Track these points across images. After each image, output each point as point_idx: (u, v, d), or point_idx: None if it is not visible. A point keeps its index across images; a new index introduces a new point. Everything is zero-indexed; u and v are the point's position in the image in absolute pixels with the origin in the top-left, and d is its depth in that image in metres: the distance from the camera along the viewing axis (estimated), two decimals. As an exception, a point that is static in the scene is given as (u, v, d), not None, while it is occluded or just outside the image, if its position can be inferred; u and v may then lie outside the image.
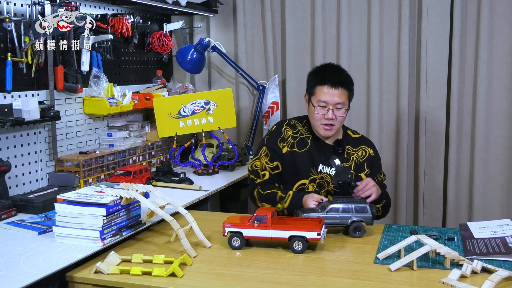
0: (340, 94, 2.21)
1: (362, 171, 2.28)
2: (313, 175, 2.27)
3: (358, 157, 2.30)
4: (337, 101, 2.20)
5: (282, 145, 2.32)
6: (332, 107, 2.20)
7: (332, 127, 2.23)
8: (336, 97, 2.20)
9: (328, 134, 2.25)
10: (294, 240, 1.79)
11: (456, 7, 2.96)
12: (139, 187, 1.92)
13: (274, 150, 2.31)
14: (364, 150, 2.32)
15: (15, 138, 2.33)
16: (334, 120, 2.21)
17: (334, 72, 2.28)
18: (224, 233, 1.84)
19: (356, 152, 2.31)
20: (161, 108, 2.98)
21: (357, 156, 2.30)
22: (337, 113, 2.21)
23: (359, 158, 2.30)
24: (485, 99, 2.95)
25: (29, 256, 1.68)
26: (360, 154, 2.31)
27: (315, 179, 2.27)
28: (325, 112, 2.21)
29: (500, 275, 1.52)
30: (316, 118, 2.23)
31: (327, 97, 2.20)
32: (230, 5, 3.43)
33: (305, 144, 2.31)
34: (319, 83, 2.24)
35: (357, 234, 1.95)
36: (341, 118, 2.23)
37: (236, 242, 1.83)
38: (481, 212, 3.01)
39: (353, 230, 1.96)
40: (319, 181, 2.27)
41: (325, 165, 2.27)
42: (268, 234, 1.81)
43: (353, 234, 1.96)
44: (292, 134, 2.34)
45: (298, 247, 1.79)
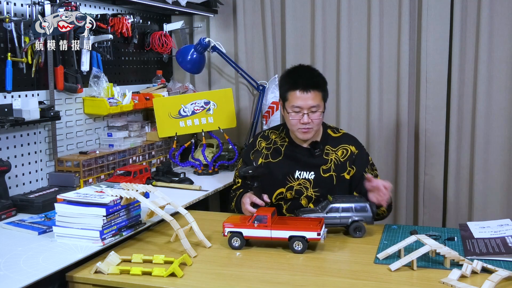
0: (313, 97, 2.16)
1: (344, 171, 2.22)
2: (290, 183, 2.23)
3: (338, 158, 2.24)
4: (311, 105, 2.15)
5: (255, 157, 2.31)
6: (306, 111, 2.15)
7: (310, 130, 2.19)
8: (310, 100, 2.15)
9: (306, 137, 2.21)
10: (294, 240, 1.79)
11: (456, 7, 2.96)
12: (139, 187, 1.92)
13: (245, 162, 2.33)
14: (344, 149, 2.26)
15: (15, 138, 2.33)
16: (310, 123, 2.17)
17: (305, 75, 2.23)
18: (224, 233, 1.84)
19: (335, 152, 2.25)
20: (161, 108, 2.98)
21: (336, 156, 2.24)
22: (312, 116, 2.16)
23: (339, 159, 2.24)
24: (485, 99, 2.95)
25: (29, 256, 1.68)
26: (340, 153, 2.25)
27: (293, 187, 2.23)
28: (300, 117, 2.16)
29: (500, 275, 1.52)
30: (292, 123, 2.19)
31: (300, 101, 2.15)
32: (230, 5, 3.43)
33: (279, 153, 2.29)
34: (290, 88, 2.18)
35: (358, 234, 1.95)
36: (317, 120, 2.18)
37: (236, 242, 1.83)
38: (481, 212, 3.01)
39: (353, 230, 1.96)
40: (297, 188, 2.22)
41: (302, 171, 2.23)
42: (268, 234, 1.81)
43: (353, 234, 1.96)
44: (265, 145, 2.33)
45: (298, 247, 1.79)
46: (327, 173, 2.22)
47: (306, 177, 2.23)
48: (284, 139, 2.31)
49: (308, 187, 2.22)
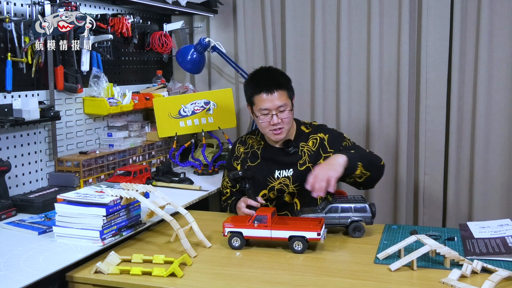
0: (279, 97, 2.17)
1: (319, 158, 2.22)
2: (271, 183, 2.26)
3: (310, 149, 2.25)
4: (278, 105, 2.16)
5: (236, 163, 2.35)
6: (275, 112, 2.16)
7: (281, 130, 2.20)
8: (276, 100, 2.16)
9: (279, 138, 2.22)
10: (294, 240, 1.79)
11: (456, 7, 2.95)
12: (139, 187, 1.92)
13: (229, 170, 2.36)
14: (314, 139, 2.27)
15: (15, 138, 2.33)
16: (281, 123, 2.18)
17: (265, 77, 2.24)
18: (224, 233, 1.84)
19: (307, 144, 2.26)
20: (161, 108, 2.98)
21: (308, 148, 2.25)
22: (281, 116, 2.17)
23: (311, 149, 2.25)
24: (485, 99, 2.95)
25: (29, 256, 1.68)
26: (311, 144, 2.26)
27: (274, 187, 2.25)
28: (270, 119, 2.17)
29: (500, 275, 1.52)
30: (263, 126, 2.21)
31: (267, 103, 2.16)
32: (230, 5, 3.43)
33: (256, 156, 2.32)
34: (255, 92, 2.20)
35: (357, 234, 1.96)
36: (287, 119, 2.19)
37: (236, 242, 1.83)
38: (481, 212, 3.01)
39: (352, 230, 1.96)
40: (278, 187, 2.24)
41: (281, 170, 2.25)
42: (268, 234, 1.81)
43: (353, 234, 1.96)
44: (243, 150, 2.37)
45: (298, 247, 1.79)
46: (303, 166, 2.23)
47: (286, 175, 2.25)
48: (260, 143, 2.34)
49: (288, 184, 2.24)
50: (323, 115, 3.30)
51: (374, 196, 3.23)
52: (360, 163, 2.04)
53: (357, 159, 2.04)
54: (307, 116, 3.34)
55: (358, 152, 2.14)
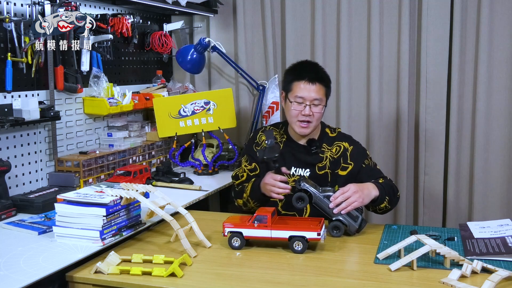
0: (318, 90, 2.18)
1: (338, 167, 2.22)
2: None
3: (332, 155, 2.24)
4: (314, 97, 2.17)
5: (256, 149, 2.32)
6: (309, 103, 2.17)
7: (308, 125, 2.19)
8: (313, 92, 2.17)
9: (304, 132, 2.21)
10: (294, 240, 1.79)
11: (456, 7, 2.96)
12: (139, 187, 1.92)
13: (251, 155, 2.33)
14: (338, 146, 2.26)
15: (15, 138, 2.33)
16: (311, 116, 2.18)
17: (312, 68, 2.26)
18: (224, 233, 1.84)
19: (330, 150, 2.26)
20: (161, 108, 2.98)
21: (331, 153, 2.24)
22: (314, 110, 2.18)
23: (333, 155, 2.24)
24: (485, 99, 2.95)
25: (29, 256, 1.68)
26: (334, 150, 2.25)
27: (288, 183, 2.19)
28: (302, 108, 2.18)
29: (500, 275, 1.52)
30: (293, 114, 2.20)
31: (304, 92, 2.17)
32: (230, 5, 3.43)
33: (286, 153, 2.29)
34: (296, 78, 2.21)
35: (334, 233, 1.95)
36: (318, 115, 2.20)
37: (236, 242, 1.83)
38: (481, 212, 3.01)
39: (332, 227, 1.95)
40: (291, 184, 2.20)
41: (298, 167, 2.24)
42: (268, 234, 1.81)
43: (331, 231, 1.95)
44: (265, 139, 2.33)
45: (298, 247, 1.79)
46: (322, 171, 2.22)
47: (302, 174, 2.23)
48: (283, 136, 2.32)
49: None
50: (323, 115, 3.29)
51: (374, 196, 3.22)
52: (387, 198, 2.08)
53: (386, 194, 2.07)
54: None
55: (387, 184, 2.13)
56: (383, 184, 2.11)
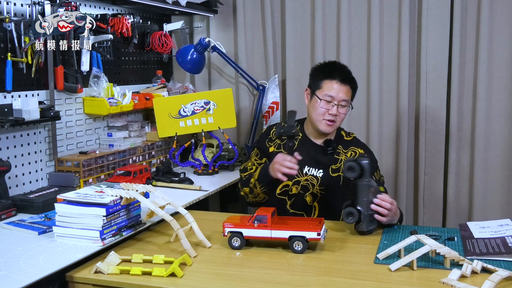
0: (347, 91, 2.22)
1: None
2: (297, 177, 2.23)
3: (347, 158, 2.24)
4: (343, 98, 2.21)
5: (269, 144, 2.32)
6: (337, 103, 2.20)
7: (333, 124, 2.23)
8: (343, 93, 2.21)
9: (329, 130, 2.24)
10: (294, 240, 1.79)
11: (456, 7, 2.96)
12: (139, 187, 1.92)
13: (262, 150, 2.33)
14: (353, 151, 2.29)
15: (15, 138, 2.33)
16: (336, 116, 2.21)
17: (343, 69, 2.29)
18: (224, 233, 1.84)
19: (345, 154, 2.28)
20: (161, 108, 2.98)
21: (346, 157, 2.26)
22: (341, 110, 2.22)
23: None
24: (485, 99, 2.95)
25: (29, 256, 1.68)
26: (349, 155, 2.28)
27: (300, 181, 2.23)
28: (330, 108, 2.20)
29: (500, 275, 1.52)
30: (320, 112, 2.22)
31: (335, 92, 2.20)
32: (230, 5, 3.43)
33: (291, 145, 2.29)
34: (327, 77, 2.23)
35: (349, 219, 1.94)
36: (343, 115, 2.24)
37: (236, 242, 1.83)
38: (481, 212, 3.01)
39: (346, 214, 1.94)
40: (303, 183, 2.23)
41: (311, 167, 2.24)
42: (268, 234, 1.81)
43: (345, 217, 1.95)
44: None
45: (298, 247, 1.79)
46: (336, 173, 2.23)
47: (314, 174, 2.24)
48: (298, 134, 2.32)
49: (314, 184, 2.23)
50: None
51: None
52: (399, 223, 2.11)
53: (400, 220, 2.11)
54: (307, 116, 3.33)
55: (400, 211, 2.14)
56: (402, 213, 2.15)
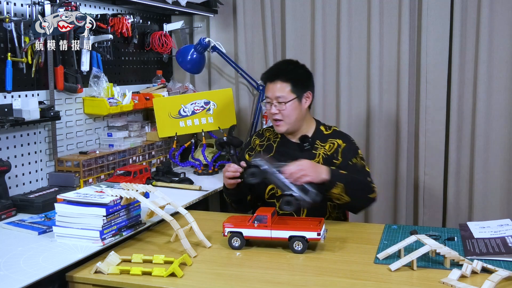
0: (279, 88, 2.18)
1: (331, 164, 2.17)
2: None
3: (325, 151, 2.21)
4: (276, 95, 2.17)
5: (249, 154, 2.34)
6: (274, 102, 2.18)
7: (280, 123, 2.20)
8: (275, 91, 2.18)
9: (279, 130, 2.22)
10: (294, 240, 1.79)
11: (456, 7, 2.96)
12: (139, 187, 1.92)
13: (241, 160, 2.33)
14: (331, 143, 2.24)
15: (15, 138, 2.33)
16: (278, 115, 2.18)
17: (273, 67, 2.29)
18: (224, 233, 1.84)
19: (323, 147, 2.23)
20: (161, 108, 2.98)
21: (324, 150, 2.22)
22: (280, 108, 2.18)
23: (326, 152, 2.21)
24: (485, 99, 2.95)
25: (29, 256, 1.68)
26: (328, 147, 2.23)
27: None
28: (270, 108, 2.20)
29: (500, 275, 1.52)
30: (267, 115, 2.26)
31: (268, 92, 2.20)
32: (230, 5, 3.43)
33: (271, 149, 2.30)
34: (264, 80, 2.26)
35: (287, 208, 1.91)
36: (286, 112, 2.18)
37: (236, 242, 1.83)
38: (481, 212, 3.01)
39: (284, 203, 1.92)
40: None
41: None
42: (268, 234, 1.81)
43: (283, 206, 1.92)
44: (259, 143, 2.36)
45: (298, 247, 1.79)
46: None
47: None
48: (277, 136, 2.32)
49: None
50: (323, 115, 3.30)
51: (374, 196, 3.22)
52: (341, 184, 2.01)
53: (340, 180, 2.02)
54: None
55: (350, 176, 2.08)
56: (346, 175, 2.06)
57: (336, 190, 2.02)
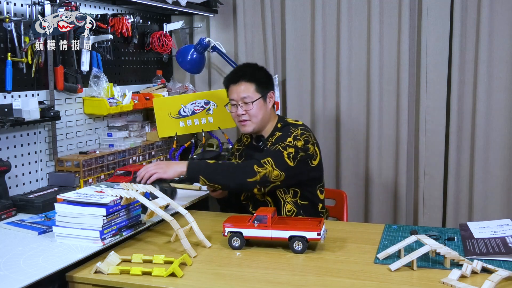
0: (244, 88, 2.22)
1: None
2: None
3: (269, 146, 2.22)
4: (241, 96, 2.21)
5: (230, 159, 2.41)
6: (240, 103, 2.21)
7: (247, 123, 2.23)
8: (240, 91, 2.21)
9: (246, 130, 2.26)
10: (294, 240, 1.79)
11: (456, 7, 2.96)
12: (139, 187, 1.92)
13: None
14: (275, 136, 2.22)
15: (15, 138, 2.33)
16: (245, 115, 2.21)
17: (236, 69, 2.33)
18: (224, 233, 1.84)
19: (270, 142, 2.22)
20: (161, 108, 2.98)
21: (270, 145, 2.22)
22: (246, 108, 2.21)
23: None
24: (485, 99, 2.95)
25: (29, 256, 1.68)
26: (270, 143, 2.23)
27: None
28: (235, 110, 2.23)
29: (500, 275, 1.52)
30: (233, 117, 2.28)
31: (233, 94, 2.24)
32: (230, 5, 3.43)
33: (241, 154, 2.36)
34: (227, 84, 2.28)
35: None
36: (252, 111, 2.21)
37: (236, 242, 1.83)
38: (481, 212, 3.01)
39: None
40: None
41: None
42: (268, 234, 1.81)
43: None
44: (236, 147, 2.42)
45: (298, 247, 1.79)
46: None
47: None
48: (248, 139, 2.37)
49: None
50: (323, 115, 3.30)
51: (373, 196, 3.23)
52: (202, 177, 2.05)
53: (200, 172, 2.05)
54: (307, 116, 3.34)
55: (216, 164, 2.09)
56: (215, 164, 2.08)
57: (201, 182, 2.07)
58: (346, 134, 3.26)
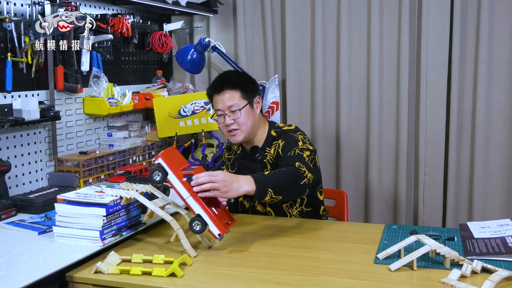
0: (229, 97, 2.14)
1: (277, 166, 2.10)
2: None
3: (272, 157, 2.17)
4: (228, 104, 2.13)
5: (221, 168, 2.34)
6: (227, 112, 2.13)
7: (237, 132, 2.15)
8: (226, 101, 2.13)
9: (236, 140, 2.17)
10: (198, 220, 1.72)
11: (456, 7, 2.96)
12: (139, 187, 1.92)
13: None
14: (275, 145, 2.17)
15: (15, 138, 2.33)
16: (234, 124, 2.14)
17: (218, 78, 2.23)
18: (154, 161, 1.76)
19: (269, 153, 2.18)
20: (161, 108, 2.98)
21: (270, 156, 2.17)
22: (234, 117, 2.13)
23: (272, 157, 2.17)
24: (485, 99, 2.95)
25: (29, 256, 1.68)
26: (273, 152, 2.17)
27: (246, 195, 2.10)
28: (223, 120, 2.15)
29: (500, 275, 1.52)
30: (220, 128, 2.20)
31: (218, 104, 2.15)
32: (230, 5, 3.43)
33: (234, 164, 2.31)
34: (211, 94, 2.20)
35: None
36: (241, 120, 2.13)
37: (157, 176, 1.76)
38: (481, 212, 3.01)
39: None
40: None
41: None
42: (185, 196, 1.75)
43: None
44: (227, 156, 2.36)
45: (197, 227, 1.74)
46: None
47: None
48: (239, 148, 2.31)
49: None
50: (323, 115, 3.30)
51: (373, 196, 3.23)
52: (271, 190, 1.82)
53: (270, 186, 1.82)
54: (307, 116, 3.34)
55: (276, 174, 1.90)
56: (273, 174, 1.89)
57: (267, 198, 1.85)
58: (346, 134, 3.26)
